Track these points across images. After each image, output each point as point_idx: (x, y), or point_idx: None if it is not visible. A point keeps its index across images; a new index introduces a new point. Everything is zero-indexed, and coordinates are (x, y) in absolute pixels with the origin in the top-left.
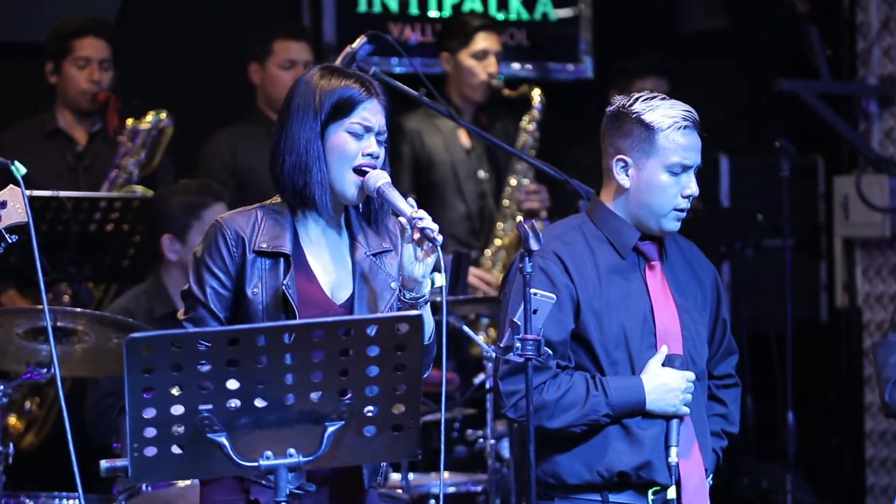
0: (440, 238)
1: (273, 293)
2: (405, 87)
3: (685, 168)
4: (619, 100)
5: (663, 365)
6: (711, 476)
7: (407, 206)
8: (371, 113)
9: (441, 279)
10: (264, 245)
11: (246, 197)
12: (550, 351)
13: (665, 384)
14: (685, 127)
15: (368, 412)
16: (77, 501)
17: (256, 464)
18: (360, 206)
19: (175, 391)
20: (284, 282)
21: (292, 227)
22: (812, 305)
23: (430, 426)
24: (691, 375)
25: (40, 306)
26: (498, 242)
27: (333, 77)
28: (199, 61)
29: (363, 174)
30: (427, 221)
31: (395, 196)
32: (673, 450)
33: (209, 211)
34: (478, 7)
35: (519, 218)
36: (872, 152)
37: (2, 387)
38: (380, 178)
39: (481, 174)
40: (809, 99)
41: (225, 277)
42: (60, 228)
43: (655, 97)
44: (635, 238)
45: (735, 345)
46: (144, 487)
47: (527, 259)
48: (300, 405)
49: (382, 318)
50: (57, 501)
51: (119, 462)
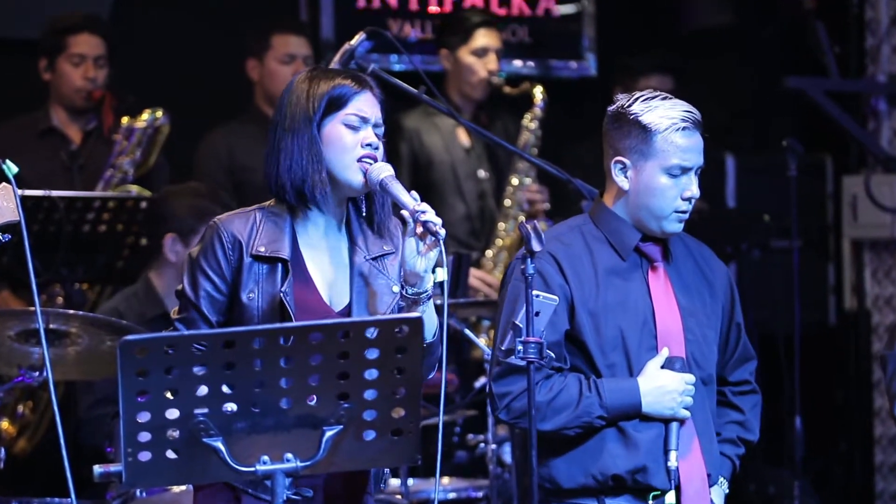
0: (443, 232)
1: (270, 299)
2: (404, 85)
3: (685, 170)
4: (620, 99)
5: (663, 367)
6: (727, 483)
7: (410, 199)
8: (365, 104)
9: (443, 274)
10: (262, 249)
11: (242, 196)
12: (553, 354)
13: (661, 387)
14: (684, 128)
15: (367, 416)
16: None
17: (253, 469)
18: (363, 208)
19: (170, 395)
20: (282, 289)
21: (291, 230)
22: (820, 308)
23: (430, 430)
24: (691, 378)
25: (32, 308)
26: (499, 243)
27: (323, 78)
28: (196, 59)
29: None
30: (430, 215)
31: (399, 189)
32: (672, 454)
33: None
34: (479, 3)
35: (521, 218)
36: (882, 151)
37: None
38: (383, 171)
39: (481, 174)
40: (817, 97)
41: (219, 281)
42: (53, 229)
43: (656, 97)
44: (636, 239)
45: (752, 350)
46: (139, 493)
47: (529, 260)
48: (297, 409)
49: (381, 321)
50: None
51: (113, 467)
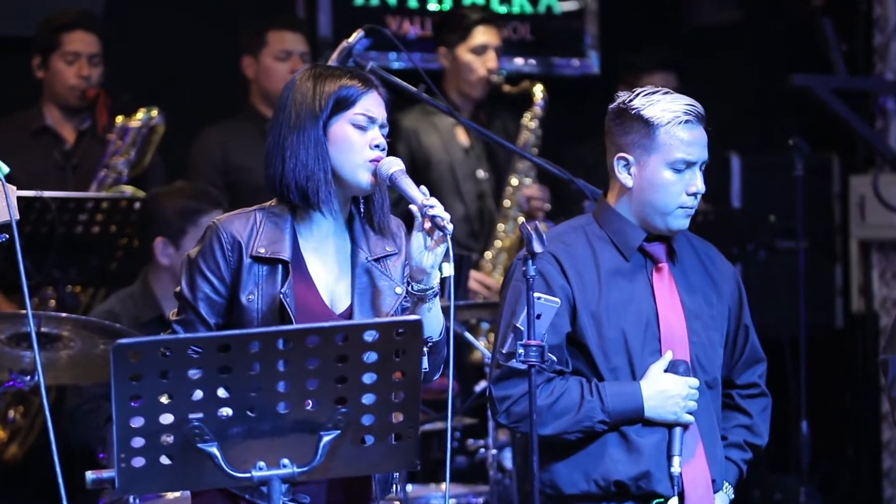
0: (451, 227)
1: (270, 301)
2: (403, 83)
3: (689, 164)
4: (621, 96)
5: (666, 370)
6: (733, 489)
7: (419, 194)
8: (372, 104)
9: (449, 269)
10: (262, 250)
11: (237, 196)
12: (555, 357)
13: (665, 391)
14: (687, 121)
15: (366, 421)
16: None
17: (249, 475)
18: (362, 209)
19: (164, 399)
20: (282, 290)
21: (292, 231)
22: (827, 310)
23: (429, 436)
24: (695, 382)
25: (23, 311)
26: (498, 244)
27: (329, 76)
28: (193, 57)
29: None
30: (438, 210)
31: (408, 183)
32: (675, 459)
33: (207, 217)
34: (479, 0)
35: (520, 219)
36: (890, 150)
37: None
38: (393, 165)
39: (480, 174)
40: (824, 95)
41: (218, 283)
42: (45, 230)
43: (657, 92)
44: (640, 239)
45: (761, 353)
46: (132, 499)
47: (530, 262)
48: (294, 414)
49: (380, 324)
50: None
51: (105, 473)
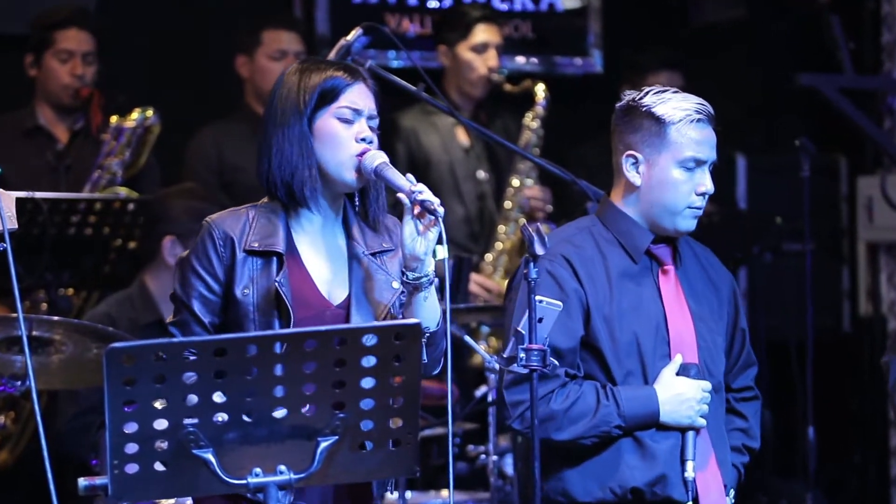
0: (441, 210)
1: (265, 293)
2: (403, 82)
3: (699, 163)
4: (630, 94)
5: (678, 374)
6: (733, 493)
7: (405, 182)
8: (358, 96)
9: (443, 251)
10: (255, 244)
11: (232, 197)
12: (556, 361)
13: (680, 394)
14: (698, 120)
15: (364, 427)
16: None
17: (245, 481)
18: (357, 204)
19: (158, 404)
20: (277, 278)
21: (286, 226)
22: (834, 313)
23: (429, 441)
24: (708, 385)
25: (14, 314)
26: (499, 247)
27: (314, 70)
28: (188, 56)
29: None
30: (427, 194)
31: (394, 173)
32: (689, 464)
33: None
34: None
35: (521, 221)
36: None
37: None
38: (377, 158)
39: (481, 174)
40: (831, 94)
41: (212, 280)
42: (36, 231)
43: (667, 90)
44: (648, 241)
45: (754, 356)
46: None
47: (532, 264)
48: (291, 419)
49: (379, 327)
50: None
51: (98, 480)
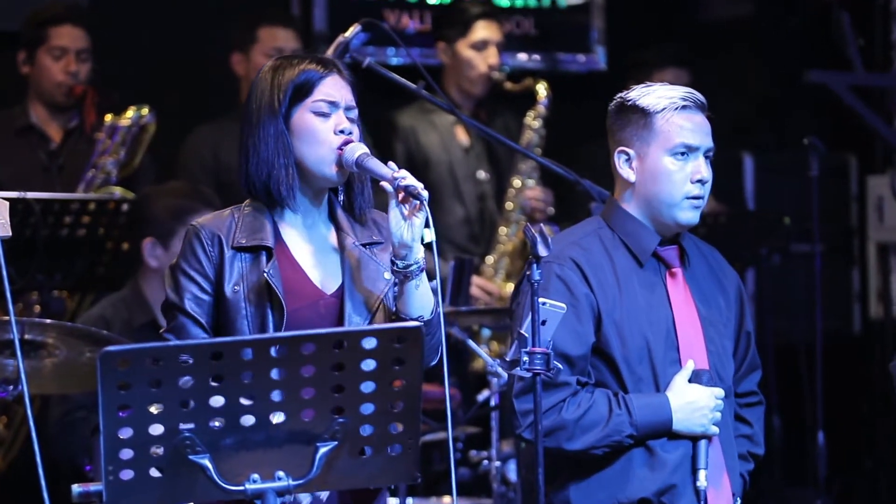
0: (426, 194)
1: (256, 288)
2: (402, 80)
3: (691, 150)
4: (622, 93)
5: (690, 381)
6: (739, 502)
7: (387, 170)
8: (332, 87)
9: (430, 234)
10: (243, 241)
11: (228, 197)
12: (560, 365)
13: (692, 402)
14: (684, 107)
15: (364, 432)
16: None
17: (242, 488)
18: (342, 198)
19: (154, 409)
20: (266, 269)
21: (272, 223)
22: (844, 316)
23: (430, 447)
24: (720, 392)
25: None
26: (500, 249)
27: (287, 66)
28: (184, 53)
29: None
30: (410, 179)
31: (375, 163)
32: (702, 473)
33: (198, 217)
34: None
35: (522, 223)
36: None
37: None
38: (357, 150)
39: (481, 175)
40: (840, 92)
41: (204, 281)
42: (28, 232)
43: (655, 83)
44: (654, 243)
45: (759, 360)
46: None
47: (535, 266)
48: (290, 424)
49: (379, 330)
50: None
51: (93, 486)
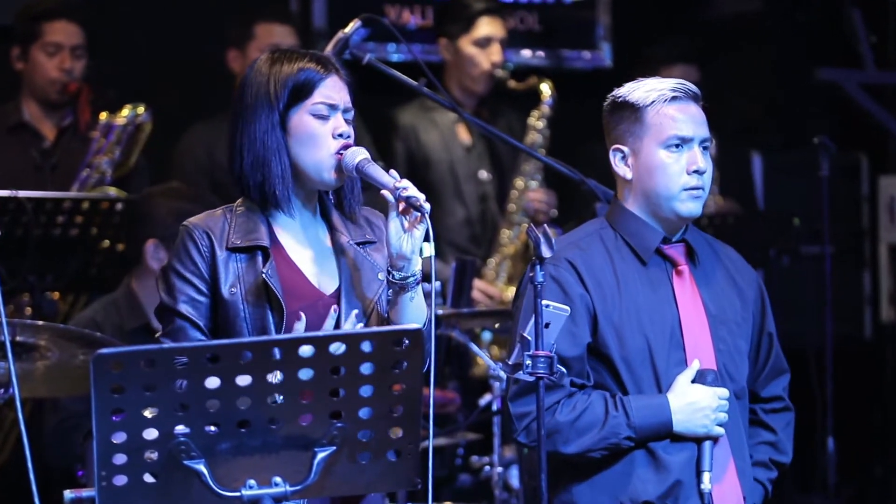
0: (427, 206)
1: (254, 288)
2: (403, 77)
3: (685, 141)
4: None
5: (693, 381)
6: None
7: (389, 178)
8: (332, 90)
9: (430, 249)
10: (238, 241)
11: (223, 198)
12: (564, 368)
13: (693, 403)
14: (674, 98)
15: (362, 437)
16: None
17: (238, 494)
18: (333, 198)
19: (148, 413)
20: (264, 270)
21: (266, 223)
22: (854, 319)
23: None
24: (725, 393)
25: None
26: (503, 251)
27: (285, 61)
28: (181, 50)
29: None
30: (412, 190)
31: (376, 170)
32: (706, 475)
33: None
34: None
35: (524, 226)
36: None
37: None
38: (357, 155)
39: (483, 175)
40: (852, 90)
41: (199, 282)
42: (20, 232)
43: (647, 78)
44: (657, 240)
45: (785, 363)
46: None
47: (538, 267)
48: (287, 429)
49: (378, 333)
50: None
51: (85, 492)
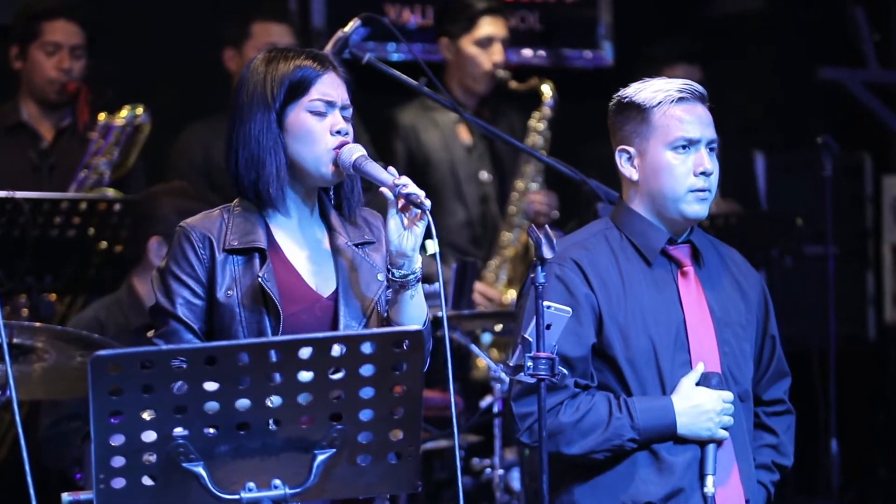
0: (428, 203)
1: (251, 292)
2: (403, 76)
3: (691, 142)
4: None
5: (698, 384)
6: None
7: (388, 175)
8: (330, 86)
9: (433, 246)
10: (235, 243)
11: (221, 199)
12: (565, 370)
13: (698, 405)
14: (681, 99)
15: (362, 439)
16: None
17: (237, 496)
18: (332, 198)
19: (146, 415)
20: (260, 274)
21: (264, 224)
22: (858, 320)
23: (431, 455)
24: (729, 395)
25: None
26: (503, 254)
27: (282, 59)
28: (181, 51)
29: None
30: (412, 187)
31: (374, 167)
32: (709, 478)
33: None
34: None
35: (525, 226)
36: None
37: None
38: (355, 152)
39: (483, 175)
40: (855, 89)
41: (196, 284)
42: (17, 233)
43: (653, 78)
44: (662, 241)
45: (787, 366)
46: None
47: (539, 268)
48: (286, 431)
49: (378, 334)
50: None
51: (83, 495)
